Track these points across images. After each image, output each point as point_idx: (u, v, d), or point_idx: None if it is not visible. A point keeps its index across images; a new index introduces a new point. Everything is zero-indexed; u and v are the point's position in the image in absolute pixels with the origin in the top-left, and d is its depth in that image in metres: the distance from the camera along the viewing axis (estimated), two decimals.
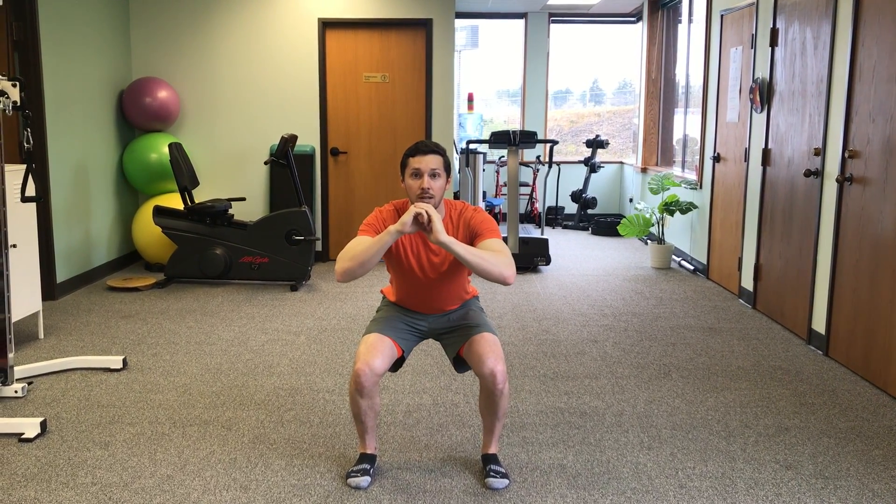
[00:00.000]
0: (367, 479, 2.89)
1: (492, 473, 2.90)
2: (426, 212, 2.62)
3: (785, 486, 2.91)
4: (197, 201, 6.94)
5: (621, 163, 10.19)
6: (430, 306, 3.00)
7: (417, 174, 2.80)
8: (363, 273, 2.73)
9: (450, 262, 2.89)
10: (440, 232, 2.60)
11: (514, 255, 6.75)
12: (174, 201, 6.68)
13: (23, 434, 3.28)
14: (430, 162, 2.80)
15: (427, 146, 2.83)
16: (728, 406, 3.69)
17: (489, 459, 2.98)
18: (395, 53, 7.07)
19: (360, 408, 2.88)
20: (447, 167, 2.86)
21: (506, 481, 2.89)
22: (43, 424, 3.33)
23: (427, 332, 3.04)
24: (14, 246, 4.39)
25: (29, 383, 3.92)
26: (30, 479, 2.93)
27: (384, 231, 2.69)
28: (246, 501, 2.78)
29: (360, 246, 2.72)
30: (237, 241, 6.15)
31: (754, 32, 5.60)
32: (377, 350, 2.82)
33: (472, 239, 2.85)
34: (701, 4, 7.23)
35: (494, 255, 2.71)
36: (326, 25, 7.02)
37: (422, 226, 2.65)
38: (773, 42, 5.28)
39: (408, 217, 2.63)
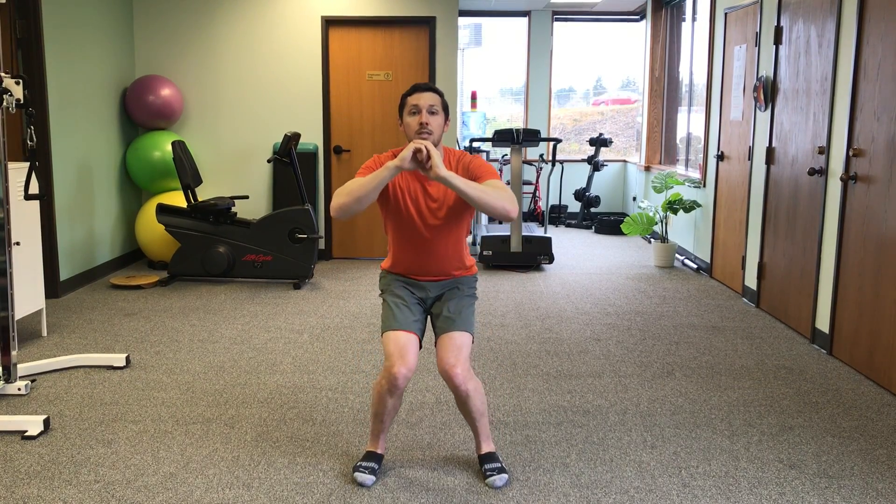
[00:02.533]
0: (373, 478, 2.88)
1: (488, 473, 2.90)
2: (425, 147, 2.58)
3: (788, 485, 2.90)
4: (200, 199, 6.95)
5: (625, 161, 10.17)
6: (429, 269, 2.92)
7: (416, 111, 2.75)
8: (359, 209, 2.67)
9: (448, 208, 2.82)
10: (439, 166, 2.56)
11: (517, 253, 6.75)
12: (177, 199, 6.68)
13: (26, 431, 3.29)
14: (428, 99, 2.76)
15: (425, 85, 2.80)
16: (731, 405, 3.68)
17: (484, 459, 2.96)
18: (399, 52, 7.06)
19: (385, 407, 2.86)
20: (445, 107, 2.82)
21: (505, 476, 2.88)
22: (46, 422, 3.33)
23: (427, 307, 2.97)
24: (17, 244, 4.39)
25: (32, 381, 3.93)
26: (33, 477, 2.93)
27: (382, 167, 2.64)
28: (248, 499, 2.78)
29: (358, 182, 2.67)
30: (240, 239, 6.15)
31: (758, 30, 5.59)
32: (408, 349, 2.79)
33: (473, 178, 2.81)
34: (705, 2, 7.22)
35: (496, 189, 2.67)
36: (330, 23, 7.01)
37: (421, 164, 2.61)
38: (778, 40, 5.26)
39: (407, 153, 2.59)
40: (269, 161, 6.21)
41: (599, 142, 9.56)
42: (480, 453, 2.99)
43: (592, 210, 9.84)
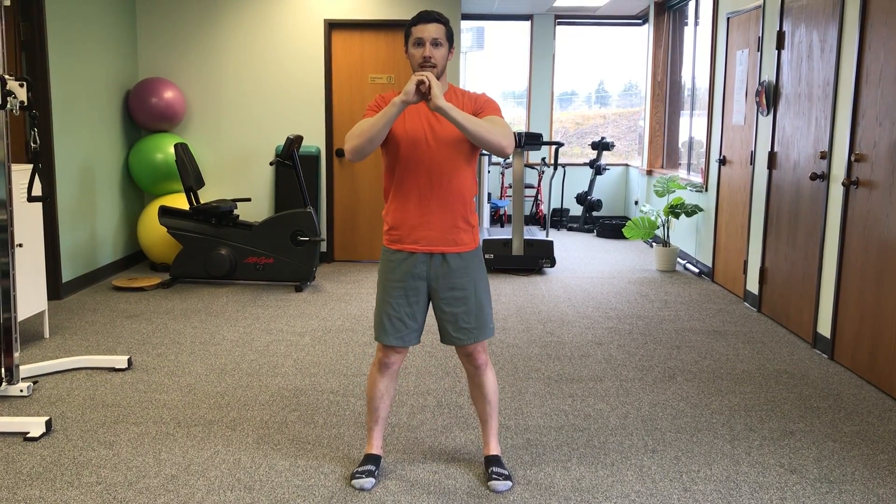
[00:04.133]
0: (372, 480, 2.89)
1: (494, 476, 2.90)
2: (427, 78, 2.58)
3: (789, 489, 2.90)
4: (202, 201, 6.96)
5: (626, 165, 10.18)
6: (432, 218, 2.77)
7: (420, 43, 2.75)
8: (372, 149, 2.67)
9: (447, 136, 2.75)
10: (438, 97, 2.56)
11: (518, 256, 6.75)
12: (180, 201, 6.69)
13: (28, 433, 3.29)
14: (433, 31, 2.75)
15: (430, 14, 2.78)
16: (733, 409, 3.68)
17: (491, 461, 2.97)
18: (401, 55, 7.07)
19: (377, 390, 2.89)
20: (450, 37, 2.81)
21: (509, 483, 2.88)
22: (48, 423, 3.34)
23: (429, 291, 2.85)
24: (20, 245, 4.40)
25: (34, 382, 3.93)
26: (35, 478, 2.94)
27: (388, 104, 2.65)
28: (250, 502, 2.78)
29: (367, 122, 2.67)
30: (242, 241, 6.16)
31: (761, 35, 5.59)
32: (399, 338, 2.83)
33: (481, 112, 2.79)
34: (707, 7, 7.23)
35: (493, 124, 2.68)
36: (332, 27, 7.03)
37: (424, 95, 2.60)
38: (780, 45, 5.27)
39: (411, 86, 2.59)
40: (271, 164, 6.22)
41: (601, 145, 9.57)
42: (489, 454, 3.00)
43: (594, 214, 9.84)
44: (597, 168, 9.53)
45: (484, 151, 8.54)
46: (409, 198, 2.79)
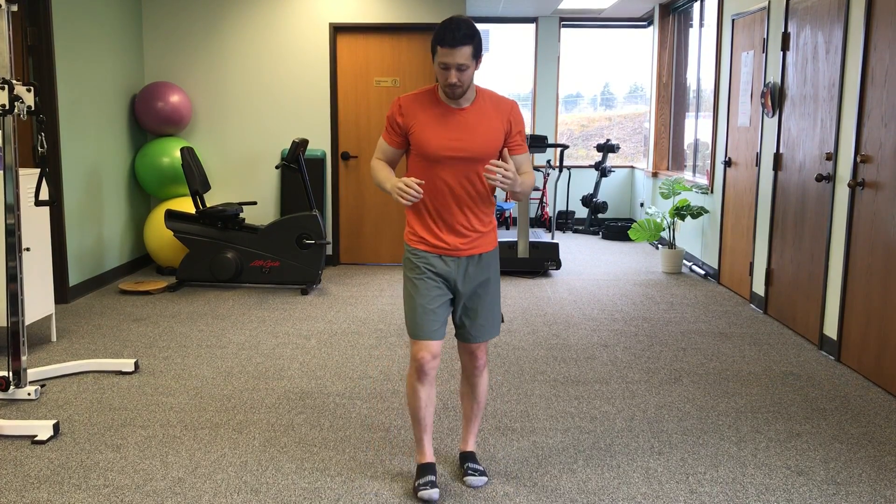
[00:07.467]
0: (437, 490, 2.82)
1: (469, 471, 2.95)
2: (502, 180, 2.63)
3: (796, 491, 2.90)
4: (208, 205, 6.98)
5: (632, 167, 10.17)
6: (457, 232, 2.81)
7: (445, 67, 2.69)
8: None
9: (475, 146, 2.77)
10: (513, 186, 2.68)
11: (524, 259, 6.76)
12: (186, 205, 6.72)
13: (36, 436, 3.31)
14: (458, 57, 2.65)
15: (455, 37, 2.65)
16: (739, 411, 3.68)
17: (467, 457, 3.02)
18: (406, 58, 7.09)
19: (419, 399, 2.84)
20: (476, 54, 2.71)
21: (485, 479, 2.93)
22: (56, 427, 3.35)
23: (453, 288, 2.87)
24: (27, 249, 4.42)
25: (42, 386, 3.95)
26: (42, 481, 2.95)
27: (391, 183, 2.74)
28: None
29: (377, 171, 2.85)
30: (248, 244, 6.17)
31: (766, 37, 5.59)
32: (433, 338, 2.81)
33: (509, 133, 2.82)
34: (712, 9, 7.22)
35: (530, 177, 2.84)
36: (338, 30, 7.04)
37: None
38: (785, 46, 5.26)
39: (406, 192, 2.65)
40: (277, 167, 6.23)
41: (607, 147, 9.57)
42: (465, 450, 3.06)
43: (600, 216, 9.84)
44: (602, 170, 9.53)
45: None
46: (435, 201, 2.81)
